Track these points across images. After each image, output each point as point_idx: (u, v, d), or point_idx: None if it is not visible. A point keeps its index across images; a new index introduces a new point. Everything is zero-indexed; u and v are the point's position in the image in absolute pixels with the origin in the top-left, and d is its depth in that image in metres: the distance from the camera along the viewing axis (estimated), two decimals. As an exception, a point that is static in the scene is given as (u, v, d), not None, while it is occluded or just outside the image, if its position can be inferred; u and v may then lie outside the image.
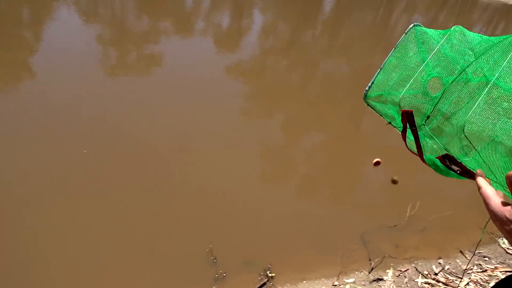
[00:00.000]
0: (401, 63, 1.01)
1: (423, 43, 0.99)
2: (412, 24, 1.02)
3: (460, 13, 16.67)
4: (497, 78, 0.79)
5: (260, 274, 2.71)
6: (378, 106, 1.04)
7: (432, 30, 1.01)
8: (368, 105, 1.06)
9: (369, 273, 2.90)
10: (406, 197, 3.64)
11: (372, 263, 2.95)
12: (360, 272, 2.90)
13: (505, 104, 0.78)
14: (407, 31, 1.02)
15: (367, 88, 1.04)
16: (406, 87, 0.95)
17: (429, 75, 0.94)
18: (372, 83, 1.04)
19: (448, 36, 0.94)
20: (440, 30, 0.99)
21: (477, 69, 0.85)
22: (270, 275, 2.71)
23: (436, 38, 0.97)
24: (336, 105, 5.63)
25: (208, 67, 5.87)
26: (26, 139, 3.60)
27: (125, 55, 6.01)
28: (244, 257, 2.80)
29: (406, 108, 0.92)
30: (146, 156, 3.59)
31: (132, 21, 7.60)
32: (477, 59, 0.86)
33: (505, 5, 18.53)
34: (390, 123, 1.03)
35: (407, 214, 3.41)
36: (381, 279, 2.84)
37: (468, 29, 0.96)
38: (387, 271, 2.94)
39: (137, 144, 3.76)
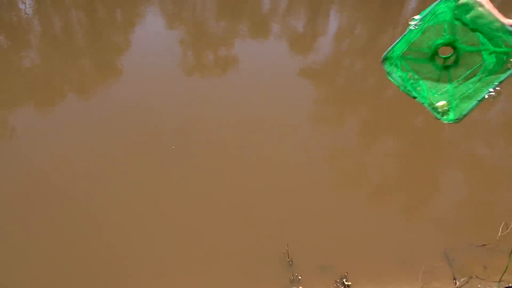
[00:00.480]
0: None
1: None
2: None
3: None
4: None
5: (336, 281, 2.72)
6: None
7: None
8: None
9: (454, 293, 2.76)
10: (497, 215, 3.38)
11: (457, 283, 2.81)
12: (443, 290, 2.77)
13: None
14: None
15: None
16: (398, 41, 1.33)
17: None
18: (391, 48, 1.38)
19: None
20: None
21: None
22: (346, 283, 2.70)
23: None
24: (414, 111, 5.36)
25: (283, 69, 5.93)
26: (115, 128, 3.98)
27: (203, 56, 6.30)
28: (320, 262, 2.82)
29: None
30: (223, 156, 3.75)
31: (212, 23, 7.93)
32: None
33: None
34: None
35: (499, 234, 3.16)
36: (467, 301, 2.69)
37: None
38: (474, 293, 2.77)
39: (217, 143, 3.94)
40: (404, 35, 1.27)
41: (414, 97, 1.36)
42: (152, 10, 8.04)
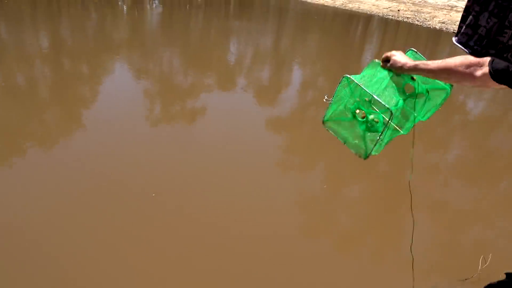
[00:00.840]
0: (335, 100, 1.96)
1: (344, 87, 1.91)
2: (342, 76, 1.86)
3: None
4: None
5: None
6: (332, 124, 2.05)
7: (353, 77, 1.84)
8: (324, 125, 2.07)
9: (446, 329, 2.75)
10: (475, 248, 3.50)
11: (449, 318, 2.81)
12: (434, 328, 2.76)
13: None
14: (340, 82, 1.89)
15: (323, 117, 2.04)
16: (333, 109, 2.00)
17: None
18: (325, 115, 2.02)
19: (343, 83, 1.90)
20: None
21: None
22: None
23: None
24: (377, 159, 5.57)
25: (249, 120, 6.10)
26: (79, 182, 3.84)
27: (169, 109, 6.35)
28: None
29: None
30: (190, 208, 3.71)
31: (178, 77, 8.11)
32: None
33: None
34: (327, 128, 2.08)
35: (479, 267, 3.26)
36: (459, 336, 2.69)
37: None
38: (464, 328, 2.78)
39: (188, 198, 3.90)
40: (329, 105, 1.95)
41: (344, 143, 2.01)
42: (119, 64, 8.16)
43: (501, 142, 6.61)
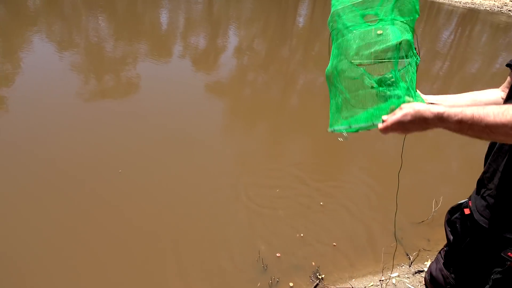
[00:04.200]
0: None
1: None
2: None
3: (428, 19, 17.89)
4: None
5: (310, 277, 2.97)
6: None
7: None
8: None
9: (410, 266, 3.22)
10: (427, 193, 4.03)
11: (411, 257, 3.28)
12: (401, 266, 3.22)
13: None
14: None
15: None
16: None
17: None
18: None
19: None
20: None
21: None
22: (320, 276, 2.97)
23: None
24: (317, 112, 5.93)
25: (187, 87, 6.15)
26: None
27: (102, 81, 6.16)
28: (291, 263, 3.05)
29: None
30: (137, 182, 3.80)
31: (108, 47, 7.77)
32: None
33: (469, 10, 20.11)
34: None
35: (433, 210, 3.77)
36: (422, 271, 3.16)
37: (436, 33, 1.57)
38: (426, 263, 3.26)
39: (127, 171, 3.96)
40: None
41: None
42: (40, 38, 7.60)
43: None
